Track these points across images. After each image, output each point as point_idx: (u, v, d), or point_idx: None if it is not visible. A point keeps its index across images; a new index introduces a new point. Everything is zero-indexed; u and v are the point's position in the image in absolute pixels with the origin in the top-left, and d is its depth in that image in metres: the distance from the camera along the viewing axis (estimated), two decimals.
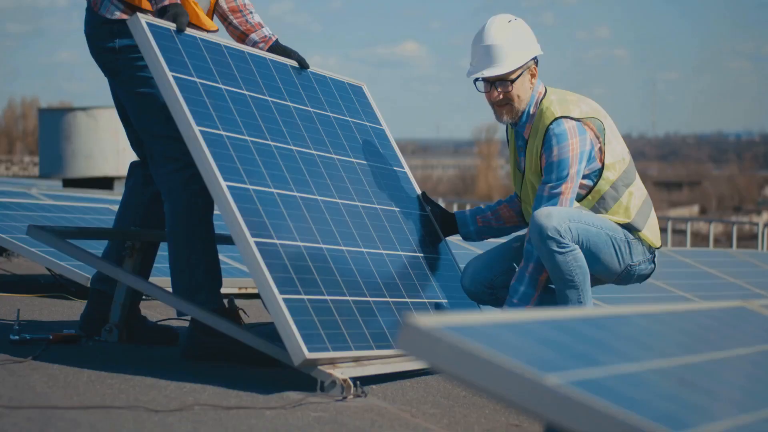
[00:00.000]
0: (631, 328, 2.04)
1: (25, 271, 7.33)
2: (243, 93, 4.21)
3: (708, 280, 7.84)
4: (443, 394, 3.86)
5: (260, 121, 4.20)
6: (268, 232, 3.81)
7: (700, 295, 7.02)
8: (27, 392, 3.32)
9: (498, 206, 4.84)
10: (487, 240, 5.06)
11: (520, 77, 4.44)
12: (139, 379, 3.60)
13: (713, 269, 8.25)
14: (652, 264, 4.60)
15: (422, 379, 4.04)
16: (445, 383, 4.02)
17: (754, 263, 9.40)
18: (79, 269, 5.82)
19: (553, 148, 4.36)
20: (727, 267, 8.57)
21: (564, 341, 1.80)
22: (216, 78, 4.12)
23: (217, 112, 3.99)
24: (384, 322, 4.02)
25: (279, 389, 3.59)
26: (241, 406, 3.34)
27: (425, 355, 1.58)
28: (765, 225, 14.67)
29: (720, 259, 9.02)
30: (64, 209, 7.19)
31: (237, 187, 3.82)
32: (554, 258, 4.26)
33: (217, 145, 3.88)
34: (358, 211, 4.40)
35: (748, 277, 8.33)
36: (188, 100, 3.90)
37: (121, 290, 4.29)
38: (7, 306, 5.36)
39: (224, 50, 4.28)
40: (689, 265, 8.03)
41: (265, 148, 4.11)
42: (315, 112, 4.60)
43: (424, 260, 4.61)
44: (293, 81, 4.58)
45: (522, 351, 1.65)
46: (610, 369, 1.71)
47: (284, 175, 4.10)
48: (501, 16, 4.51)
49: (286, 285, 3.70)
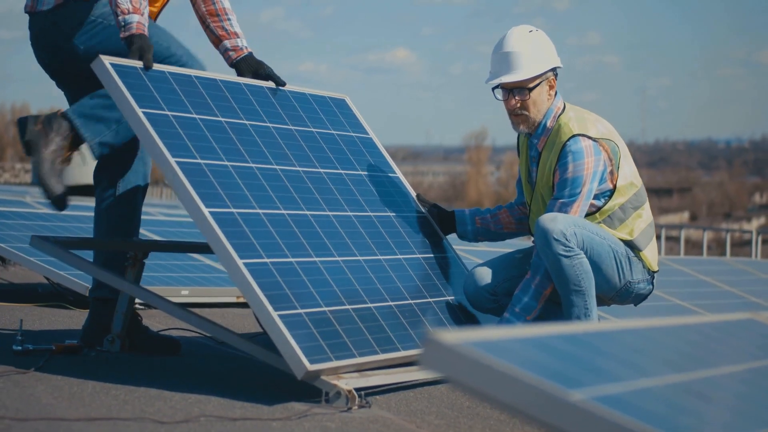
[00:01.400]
0: (644, 342, 2.05)
1: (21, 279, 7.32)
2: (219, 120, 4.18)
3: (704, 288, 7.85)
4: (447, 405, 3.86)
5: (239, 145, 4.16)
6: (257, 252, 3.79)
7: (698, 304, 7.03)
8: (33, 404, 3.31)
9: (498, 210, 4.86)
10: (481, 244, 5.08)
11: (538, 86, 4.46)
12: (143, 390, 3.60)
13: (709, 277, 8.27)
14: (650, 285, 4.61)
15: (425, 390, 4.04)
16: (449, 393, 4.02)
17: (748, 271, 9.42)
18: (77, 278, 5.81)
19: (569, 164, 4.38)
20: (722, 275, 8.59)
21: (582, 356, 1.80)
22: (189, 108, 4.08)
23: (192, 141, 3.96)
24: (388, 326, 4.02)
25: (283, 400, 3.59)
26: (247, 417, 3.34)
27: (448, 371, 1.59)
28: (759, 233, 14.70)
29: (715, 267, 9.04)
30: (62, 218, 7.17)
31: (220, 212, 3.80)
32: (560, 262, 4.27)
33: (195, 173, 3.85)
34: (350, 220, 4.37)
35: (744, 285, 8.35)
36: (161, 133, 3.87)
37: (123, 300, 4.29)
38: (6, 315, 5.35)
39: (195, 81, 4.23)
40: (685, 274, 8.05)
41: (247, 171, 4.08)
42: (297, 130, 4.55)
43: (425, 261, 4.60)
44: (271, 102, 4.53)
45: (544, 366, 1.65)
46: (630, 384, 1.72)
47: (269, 195, 4.08)
48: (522, 27, 4.54)
49: (281, 301, 3.69)
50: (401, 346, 3.98)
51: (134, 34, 4.03)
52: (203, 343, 4.77)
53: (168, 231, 7.62)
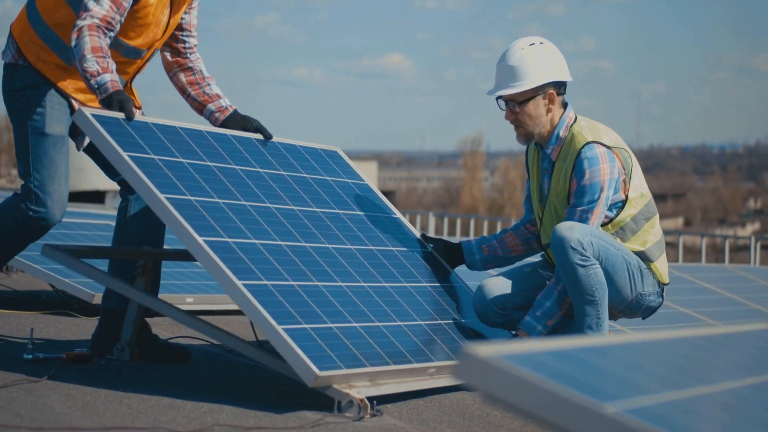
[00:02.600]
0: (668, 354, 2.06)
1: (24, 286, 7.31)
2: (207, 164, 4.17)
3: (706, 295, 7.88)
4: (458, 413, 3.87)
5: (230, 186, 4.15)
6: (256, 275, 3.78)
7: (702, 311, 7.05)
8: (47, 413, 3.32)
9: (503, 235, 4.86)
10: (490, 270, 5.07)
11: (531, 100, 4.48)
12: (156, 399, 3.61)
13: (710, 284, 8.29)
14: (660, 298, 4.63)
15: (436, 398, 4.05)
16: (460, 402, 4.03)
17: (748, 278, 9.44)
18: (82, 286, 5.82)
19: (585, 171, 4.39)
20: (723, 282, 8.61)
21: (609, 368, 1.82)
22: (175, 154, 4.08)
23: (181, 181, 3.96)
24: (398, 342, 4.02)
25: (296, 409, 3.60)
26: (260, 426, 3.35)
27: (483, 384, 1.60)
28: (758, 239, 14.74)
29: (715, 275, 9.06)
30: (65, 225, 7.18)
31: (215, 241, 3.78)
32: (576, 271, 4.28)
33: (186, 208, 3.84)
34: (352, 253, 4.36)
35: (745, 292, 8.37)
36: (148, 173, 3.87)
37: (133, 309, 4.30)
38: (13, 323, 5.35)
39: (180, 131, 4.24)
40: (686, 281, 8.07)
41: (240, 207, 4.08)
42: (289, 175, 4.55)
43: (432, 289, 4.58)
44: (260, 151, 4.52)
45: (575, 379, 1.67)
46: (659, 396, 1.73)
47: (264, 229, 4.07)
48: (525, 39, 4.56)
49: (285, 318, 3.67)
50: (414, 359, 3.98)
51: (111, 93, 4.07)
52: (210, 351, 4.78)
53: (174, 239, 7.61)
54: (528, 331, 4.41)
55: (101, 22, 4.16)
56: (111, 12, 4.19)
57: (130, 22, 4.35)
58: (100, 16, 4.16)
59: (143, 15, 4.37)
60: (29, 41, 4.38)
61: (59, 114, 4.35)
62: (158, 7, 4.40)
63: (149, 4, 4.36)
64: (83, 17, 4.16)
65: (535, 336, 4.41)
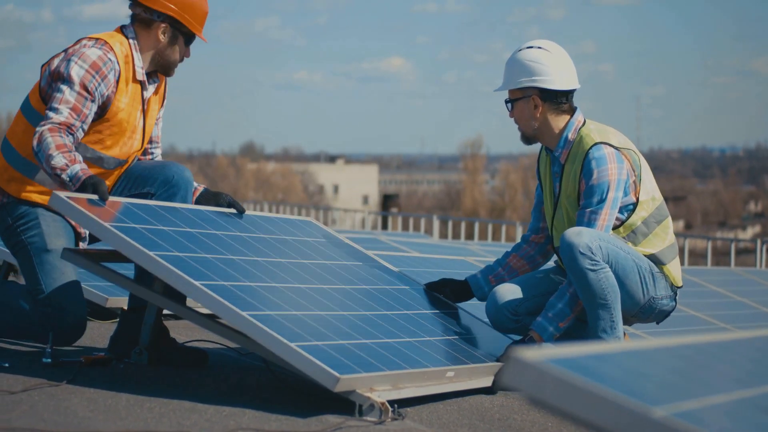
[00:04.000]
0: (707, 358, 2.07)
1: None
2: (187, 230, 4.22)
3: (715, 299, 7.87)
4: (478, 417, 3.87)
5: (213, 245, 4.20)
6: (259, 307, 3.81)
7: (713, 315, 7.05)
8: (71, 417, 3.32)
9: (507, 258, 4.85)
10: None
11: (518, 101, 4.58)
12: (177, 403, 3.61)
13: (720, 288, 8.29)
14: (673, 302, 4.63)
15: (455, 402, 4.05)
16: (478, 405, 4.04)
17: (755, 281, 9.44)
18: (95, 289, 5.81)
19: (593, 171, 4.41)
20: (731, 285, 8.61)
21: (652, 372, 1.82)
22: (155, 223, 4.12)
23: (166, 242, 3.99)
24: (411, 352, 4.03)
25: (317, 413, 3.60)
26: (283, 430, 3.35)
27: (532, 388, 1.60)
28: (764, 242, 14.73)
29: (724, 278, 9.06)
30: None
31: (211, 284, 3.81)
32: (587, 276, 4.29)
33: (176, 261, 3.86)
34: (347, 291, 4.41)
35: (754, 296, 8.37)
36: (132, 237, 3.88)
37: (151, 312, 4.30)
38: None
39: (155, 208, 4.28)
40: (696, 284, 8.07)
41: (227, 260, 4.12)
42: (270, 237, 4.62)
43: (438, 315, 4.64)
44: (236, 221, 4.59)
45: (621, 383, 1.67)
46: (704, 400, 1.74)
47: (257, 275, 4.12)
48: (533, 41, 4.61)
49: (295, 338, 3.68)
50: (429, 363, 3.99)
51: (84, 180, 4.11)
52: (226, 354, 4.78)
53: None
54: (540, 332, 4.41)
55: (61, 125, 4.25)
56: (70, 119, 4.28)
57: (106, 131, 4.43)
58: (60, 121, 4.26)
59: (116, 122, 4.44)
60: (9, 179, 4.46)
61: (56, 229, 4.41)
62: (131, 113, 4.48)
63: (120, 110, 4.44)
64: (42, 124, 4.25)
65: (547, 337, 4.41)
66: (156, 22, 4.50)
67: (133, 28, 4.52)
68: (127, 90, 4.45)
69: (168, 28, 4.51)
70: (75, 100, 4.29)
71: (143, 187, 4.51)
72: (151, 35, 4.51)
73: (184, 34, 4.55)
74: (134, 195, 4.51)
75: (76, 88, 4.30)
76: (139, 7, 4.51)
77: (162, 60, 4.54)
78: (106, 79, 4.35)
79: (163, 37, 4.51)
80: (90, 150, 4.43)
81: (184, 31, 4.54)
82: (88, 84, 4.31)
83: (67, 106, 4.28)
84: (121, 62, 4.42)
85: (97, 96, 4.34)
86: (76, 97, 4.29)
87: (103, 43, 4.40)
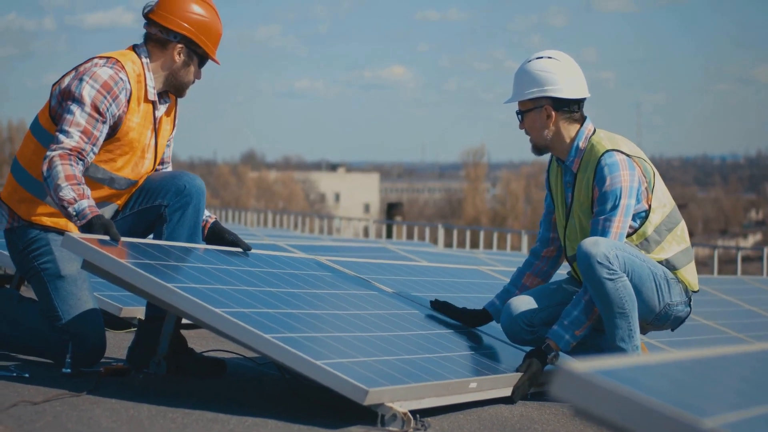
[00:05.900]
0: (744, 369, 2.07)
1: None
2: (200, 265, 4.24)
3: (727, 308, 7.87)
4: (499, 427, 3.87)
5: (225, 276, 4.23)
6: (278, 330, 3.82)
7: (726, 324, 7.05)
8: (94, 427, 3.32)
9: (521, 278, 4.83)
10: None
11: (530, 112, 4.59)
12: (199, 413, 3.61)
13: (730, 296, 8.29)
14: (688, 307, 4.63)
15: (473, 412, 4.05)
16: (498, 415, 4.04)
17: (763, 289, 9.45)
18: (109, 299, 5.82)
19: (606, 178, 4.43)
20: (741, 294, 8.61)
21: (697, 383, 1.82)
22: (167, 260, 4.13)
23: (179, 275, 4.00)
24: (433, 365, 4.03)
25: (340, 423, 3.60)
26: None
27: (582, 400, 1.60)
28: None
29: (733, 286, 9.06)
30: None
31: (230, 311, 3.82)
32: (604, 286, 4.29)
33: (193, 292, 3.87)
34: (363, 317, 4.44)
35: (764, 304, 8.37)
36: (146, 270, 3.89)
37: (170, 322, 4.30)
38: None
39: (166, 247, 4.30)
40: (705, 293, 8.06)
41: (241, 291, 4.14)
42: (279, 272, 4.67)
43: (456, 334, 4.66)
44: (245, 259, 4.63)
45: (667, 395, 1.67)
46: (753, 410, 1.74)
47: (270, 302, 4.14)
48: (543, 52, 4.62)
49: (319, 357, 3.69)
50: (450, 376, 3.99)
51: (91, 218, 4.11)
52: (243, 364, 4.78)
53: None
54: (555, 340, 4.41)
55: (71, 151, 4.23)
56: (81, 143, 4.25)
57: (116, 150, 4.42)
58: (70, 146, 4.23)
59: (127, 142, 4.43)
60: (20, 200, 4.44)
61: (68, 254, 4.37)
62: (142, 133, 4.47)
63: (131, 129, 4.42)
64: (53, 148, 4.23)
65: (563, 345, 4.41)
66: (172, 42, 4.49)
67: (146, 47, 4.50)
68: (139, 110, 4.43)
69: (184, 48, 4.50)
70: (86, 123, 4.26)
71: (155, 200, 4.50)
72: (166, 55, 4.50)
73: (199, 56, 4.55)
74: (146, 208, 4.50)
75: (87, 109, 4.27)
76: (155, 27, 4.50)
77: (176, 81, 4.53)
78: (117, 99, 4.33)
79: (179, 57, 4.50)
80: (101, 170, 4.40)
81: (199, 52, 4.54)
82: (99, 105, 4.28)
83: (78, 129, 4.25)
84: (133, 81, 4.40)
85: (108, 117, 4.31)
86: (87, 119, 4.26)
87: (115, 62, 4.38)
